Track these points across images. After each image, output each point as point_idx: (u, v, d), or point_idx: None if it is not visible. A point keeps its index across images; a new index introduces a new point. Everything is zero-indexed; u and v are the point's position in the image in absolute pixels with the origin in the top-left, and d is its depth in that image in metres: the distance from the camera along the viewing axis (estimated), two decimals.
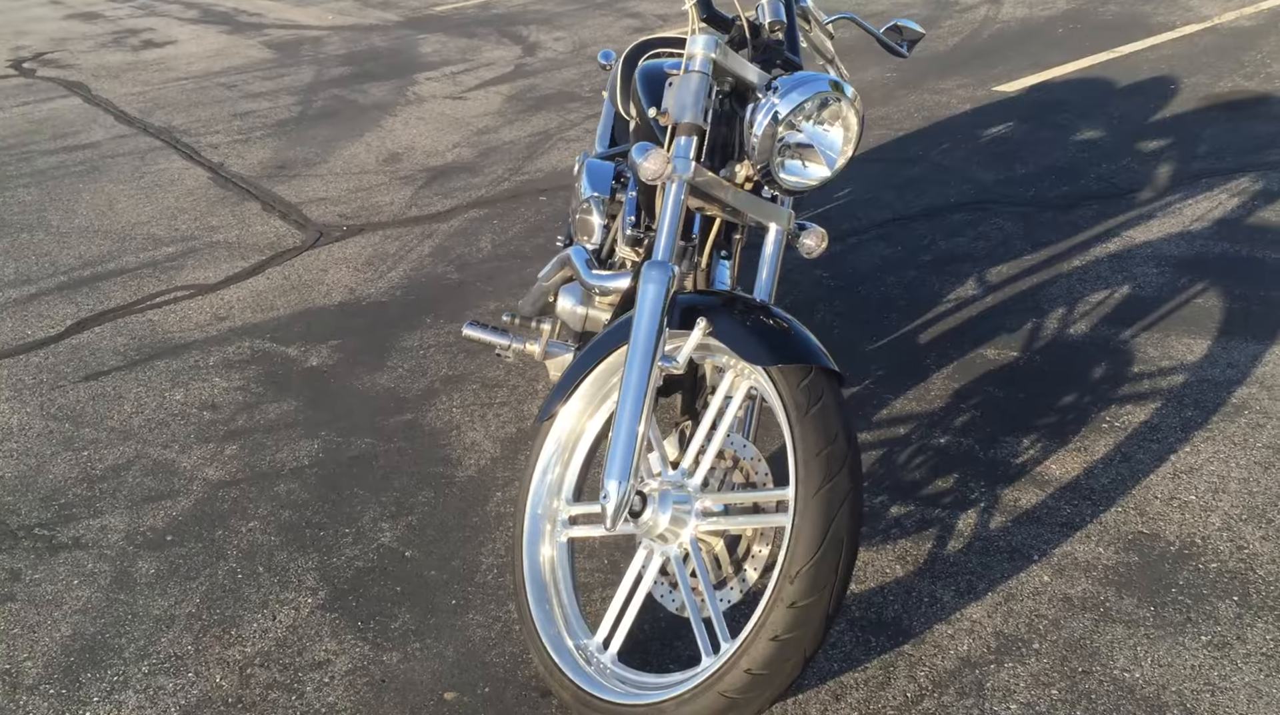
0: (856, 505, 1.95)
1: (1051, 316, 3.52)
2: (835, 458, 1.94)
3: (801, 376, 2.01)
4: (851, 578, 1.95)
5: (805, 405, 1.99)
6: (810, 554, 1.90)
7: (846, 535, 1.92)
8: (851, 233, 4.28)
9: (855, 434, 2.01)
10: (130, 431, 3.32)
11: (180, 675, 2.38)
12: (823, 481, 1.93)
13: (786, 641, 1.89)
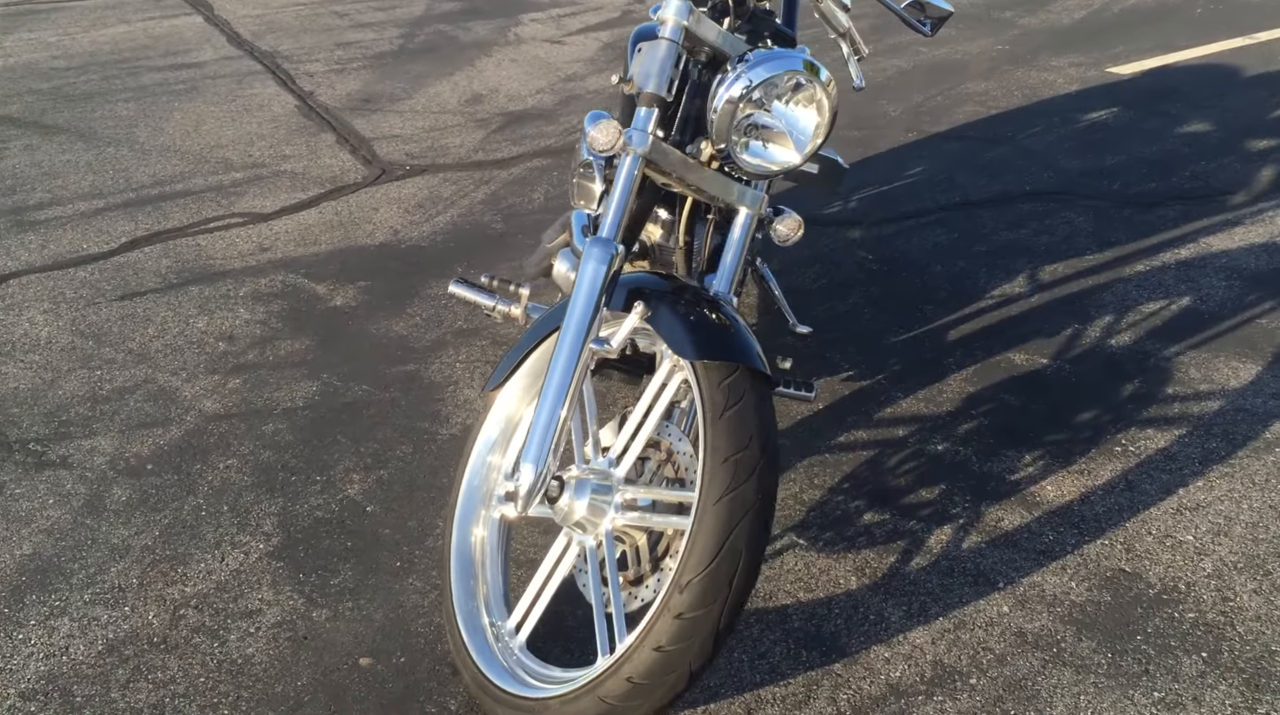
0: (761, 519, 1.82)
1: (1096, 324, 3.28)
2: (743, 465, 1.81)
3: (725, 375, 1.87)
4: (748, 596, 1.81)
5: (722, 406, 1.86)
6: (703, 564, 1.78)
7: (745, 549, 1.79)
8: (910, 215, 4.06)
9: (775, 443, 1.87)
10: (146, 355, 3.34)
11: (117, 608, 2.38)
12: (726, 489, 1.80)
13: (670, 653, 1.78)
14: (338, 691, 2.15)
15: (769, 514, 1.85)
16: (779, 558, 2.43)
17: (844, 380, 3.05)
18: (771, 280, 3.21)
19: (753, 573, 1.83)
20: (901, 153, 4.68)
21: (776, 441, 1.89)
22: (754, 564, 1.83)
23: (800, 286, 3.57)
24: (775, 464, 1.87)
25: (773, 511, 1.87)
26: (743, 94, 1.99)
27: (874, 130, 4.99)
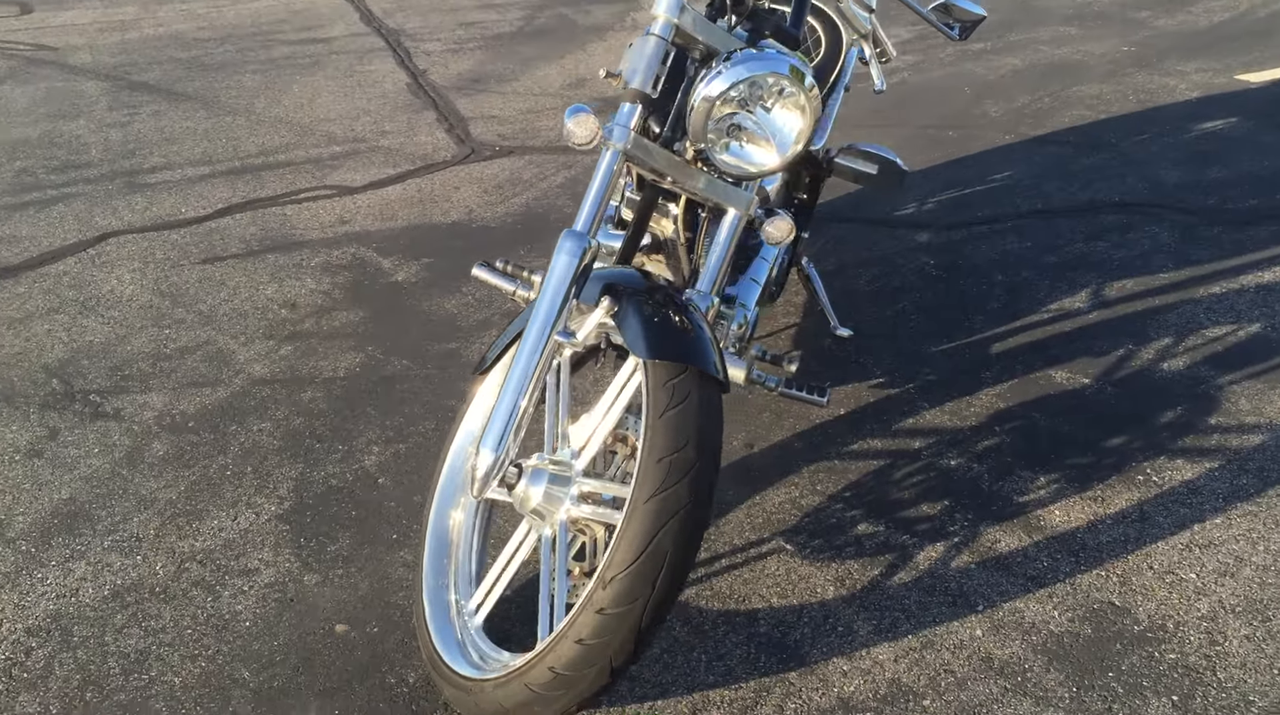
0: (692, 522, 1.82)
1: (1152, 345, 3.14)
2: (677, 466, 1.81)
3: (672, 374, 1.87)
4: (675, 597, 1.81)
5: (664, 405, 1.85)
6: (627, 562, 1.79)
7: (672, 550, 1.79)
8: (985, 221, 3.95)
9: (715, 447, 1.86)
10: (213, 318, 3.49)
11: (130, 556, 2.50)
12: (657, 489, 1.80)
13: (591, 647, 1.79)
14: (309, 655, 2.23)
15: (701, 517, 1.84)
16: (761, 561, 2.41)
17: (872, 386, 3.00)
18: (817, 281, 3.17)
19: (679, 574, 1.82)
20: (993, 155, 4.55)
21: (718, 446, 1.88)
22: (681, 566, 1.82)
23: (853, 288, 3.51)
24: (713, 468, 1.86)
25: (706, 515, 1.85)
26: (720, 93, 1.97)
27: (970, 131, 4.86)
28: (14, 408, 3.06)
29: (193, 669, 2.20)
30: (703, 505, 1.84)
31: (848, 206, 4.07)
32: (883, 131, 4.83)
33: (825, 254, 3.74)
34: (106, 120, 5.38)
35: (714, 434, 1.88)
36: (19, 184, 4.63)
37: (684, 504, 1.81)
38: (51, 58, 6.49)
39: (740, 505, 2.58)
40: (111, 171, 4.72)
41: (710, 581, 2.37)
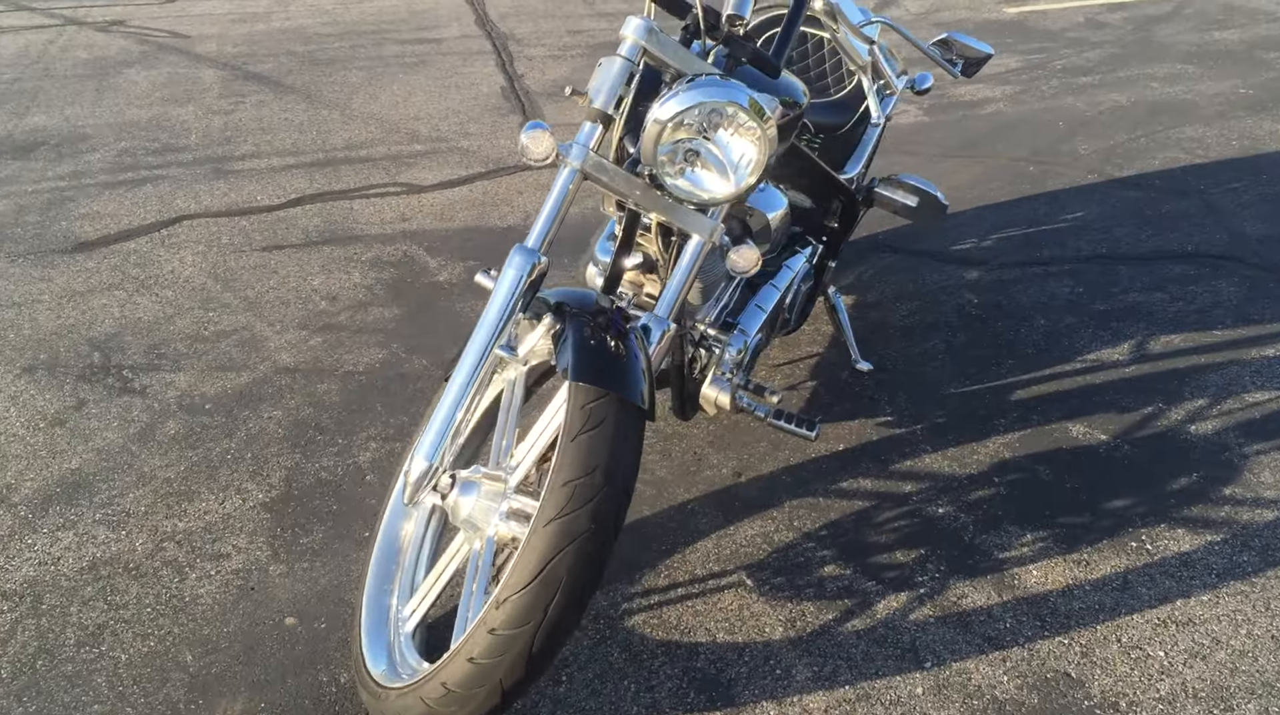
0: (591, 550, 1.77)
1: (1184, 406, 2.97)
2: (582, 492, 1.77)
3: (591, 398, 1.83)
4: (572, 624, 1.77)
5: (578, 428, 1.82)
6: (520, 585, 1.76)
7: (566, 577, 1.76)
8: (1042, 262, 3.79)
9: (625, 476, 1.81)
10: (256, 304, 3.57)
11: (116, 531, 2.57)
12: (558, 513, 1.77)
13: (482, 666, 1.77)
14: (253, 645, 2.25)
15: (603, 546, 1.79)
16: (717, 594, 2.35)
17: (878, 424, 2.90)
18: (842, 312, 3.09)
19: (575, 602, 1.78)
20: (1070, 194, 4.37)
21: (630, 475, 1.83)
22: (577, 594, 1.78)
23: (886, 321, 3.41)
24: (620, 497, 1.81)
25: (608, 544, 1.80)
26: (670, 117, 1.92)
27: (1053, 167, 4.67)
28: (53, 377, 3.17)
29: (141, 648, 2.23)
30: (604, 534, 1.79)
31: (900, 237, 3.95)
32: (963, 162, 4.69)
33: (866, 284, 3.63)
34: (213, 108, 5.56)
35: (627, 462, 1.83)
36: (118, 163, 4.81)
37: (583, 531, 1.76)
38: (182, 45, 6.74)
39: (711, 534, 2.52)
40: (204, 157, 4.87)
41: (661, 609, 2.31)
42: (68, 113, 5.48)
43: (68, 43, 6.78)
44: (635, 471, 1.87)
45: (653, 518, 2.57)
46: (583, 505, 1.77)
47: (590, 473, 1.78)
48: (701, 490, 2.66)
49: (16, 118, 5.41)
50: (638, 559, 2.45)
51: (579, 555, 1.76)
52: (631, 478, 1.85)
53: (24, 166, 4.80)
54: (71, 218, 4.24)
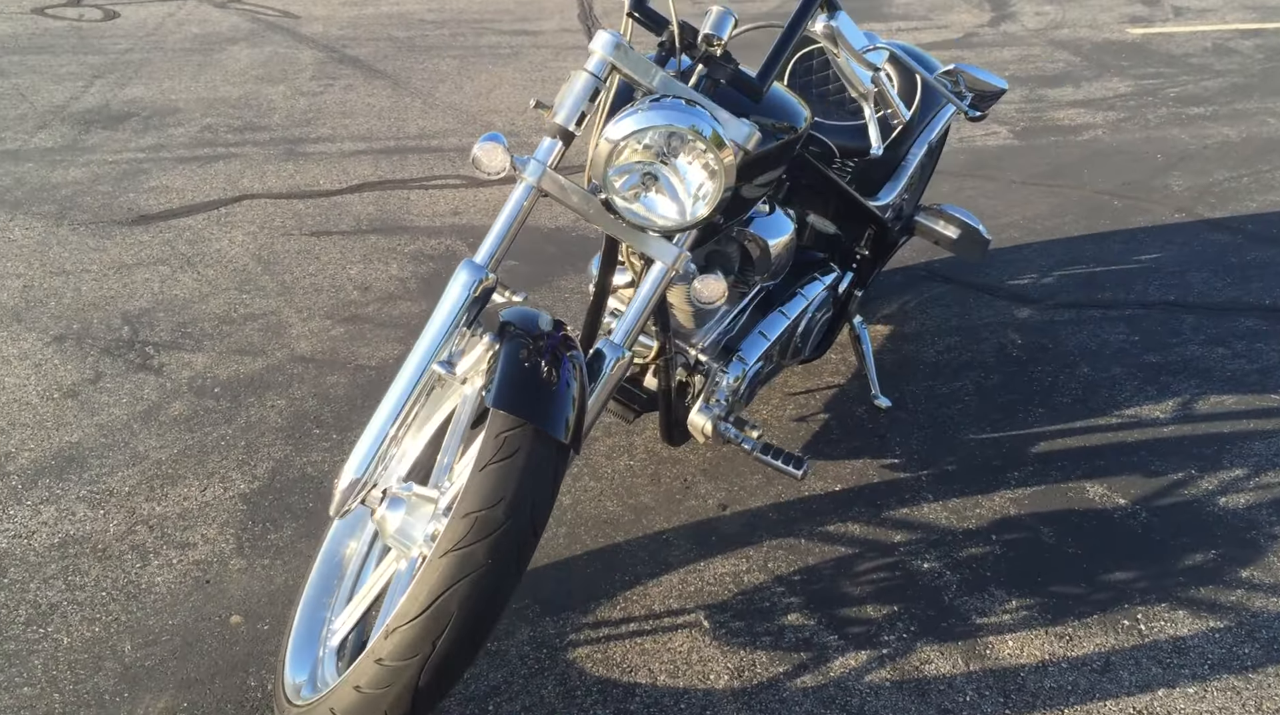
0: (486, 587, 1.69)
1: (1218, 475, 2.75)
2: (482, 525, 1.68)
3: (507, 426, 1.75)
4: (463, 662, 1.69)
5: (488, 458, 1.73)
6: (409, 616, 1.69)
7: (458, 612, 1.67)
8: (1102, 305, 3.57)
9: (532, 512, 1.72)
10: (289, 290, 3.57)
11: (95, 509, 2.58)
12: (455, 545, 1.69)
13: (367, 696, 1.70)
14: (193, 640, 2.23)
15: (500, 584, 1.70)
16: (670, 633, 2.24)
17: (883, 466, 2.75)
18: (866, 343, 2.95)
19: (466, 639, 1.69)
20: (1151, 234, 4.11)
21: (538, 512, 1.73)
22: (469, 631, 1.69)
23: (919, 356, 3.24)
24: (525, 533, 1.71)
25: (508, 582, 1.71)
26: (621, 137, 1.82)
27: (1139, 202, 4.40)
28: (80, 348, 3.21)
29: (85, 632, 2.23)
30: (504, 571, 1.70)
31: (954, 267, 3.77)
32: (1043, 190, 4.46)
33: (908, 314, 3.46)
34: (302, 89, 5.62)
35: (537, 498, 1.73)
36: (198, 139, 4.89)
37: (479, 566, 1.67)
38: (290, 25, 6.85)
39: (680, 568, 2.41)
40: (280, 137, 4.92)
41: (608, 643, 2.21)
42: (165, 86, 5.59)
43: (185, 17, 6.95)
44: (548, 508, 1.77)
45: (625, 545, 2.47)
46: (480, 539, 1.68)
47: (493, 506, 1.69)
48: (682, 520, 2.54)
49: (117, 88, 5.55)
50: (597, 587, 2.35)
51: (473, 591, 1.68)
52: (542, 515, 1.76)
53: (110, 136, 4.91)
54: (139, 190, 4.31)
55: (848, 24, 2.14)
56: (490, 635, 1.77)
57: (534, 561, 2.39)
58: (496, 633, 2.23)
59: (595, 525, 2.54)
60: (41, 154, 4.69)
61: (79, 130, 5.00)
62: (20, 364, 3.13)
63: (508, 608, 1.77)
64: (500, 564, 1.68)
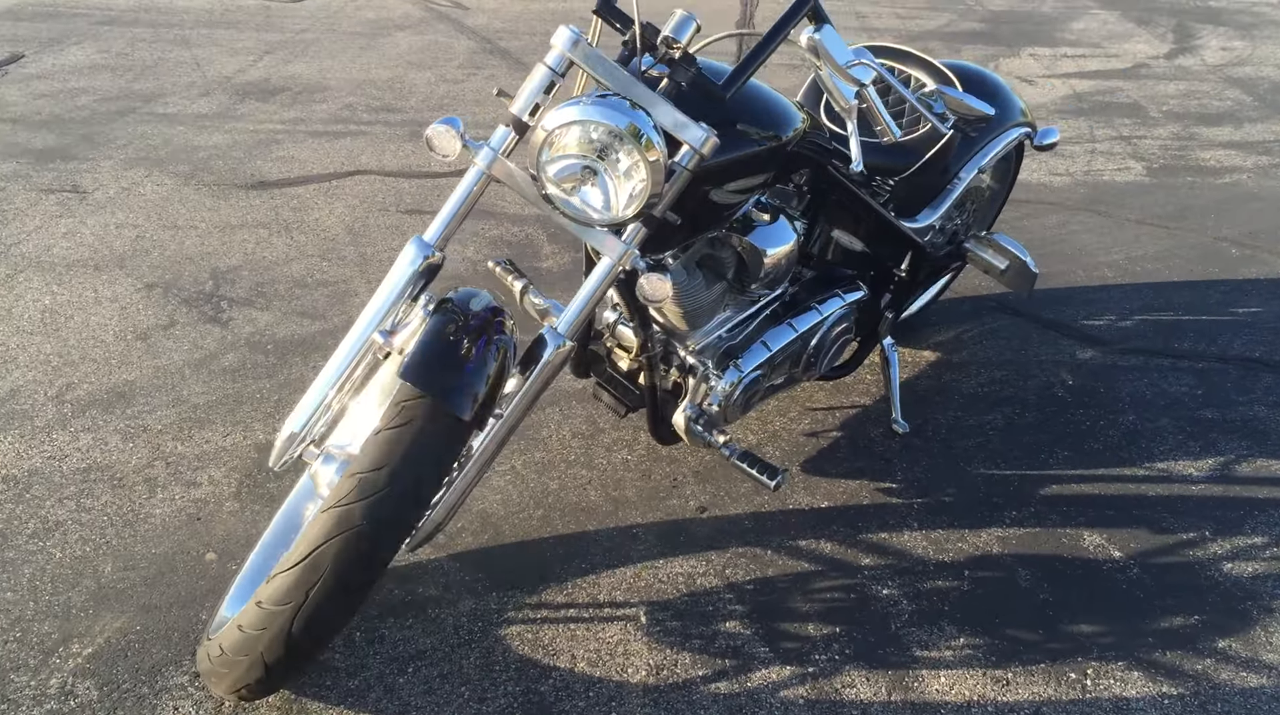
0: (358, 547, 1.77)
1: (1233, 540, 2.60)
2: (364, 486, 1.77)
3: (408, 396, 1.83)
4: (335, 617, 1.78)
5: (384, 424, 1.82)
6: (288, 565, 1.79)
7: (331, 566, 1.76)
8: (1173, 354, 3.39)
9: (420, 484, 1.80)
10: (367, 262, 3.76)
11: (126, 441, 2.79)
12: (337, 502, 1.78)
13: (247, 636, 1.82)
14: (167, 570, 2.39)
15: (376, 546, 1.78)
16: (605, 624, 2.28)
17: (878, 489, 2.70)
18: (894, 367, 2.92)
19: (337, 595, 1.78)
20: (1260, 286, 3.87)
21: (424, 483, 1.80)
22: (339, 587, 1.77)
23: (957, 385, 3.16)
24: (406, 503, 1.78)
25: (385, 546, 1.79)
26: (554, 126, 1.87)
27: (1260, 253, 4.15)
28: (166, 296, 3.45)
29: (76, 551, 2.41)
30: (379, 535, 1.77)
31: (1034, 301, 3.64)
32: (1157, 231, 4.26)
33: (961, 343, 3.38)
34: (447, 76, 5.84)
35: (424, 469, 1.80)
36: (337, 116, 5.16)
37: (354, 526, 1.75)
38: (457, 15, 7.11)
39: (639, 563, 2.44)
40: (411, 119, 5.14)
41: (542, 625, 2.26)
42: (324, 65, 5.90)
43: (365, 3, 7.29)
44: (436, 480, 1.83)
45: (593, 534, 2.51)
46: (360, 500, 1.76)
47: (377, 470, 1.77)
48: (657, 517, 2.57)
49: (281, 65, 5.88)
50: (552, 570, 2.40)
51: (345, 548, 1.75)
52: (428, 486, 1.82)
53: (259, 107, 5.22)
54: (267, 158, 4.58)
55: (832, 37, 2.12)
56: (366, 595, 1.83)
57: (499, 538, 2.46)
58: (438, 600, 2.30)
59: (572, 511, 2.58)
60: (195, 119, 5.02)
61: (235, 100, 5.33)
62: (109, 306, 3.37)
63: (385, 570, 1.82)
64: (376, 527, 1.75)
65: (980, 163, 2.98)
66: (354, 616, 1.88)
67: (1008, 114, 3.08)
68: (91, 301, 3.41)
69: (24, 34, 6.26)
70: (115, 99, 5.27)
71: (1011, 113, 3.09)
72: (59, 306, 3.36)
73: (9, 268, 3.60)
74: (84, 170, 4.41)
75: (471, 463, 2.04)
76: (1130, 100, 5.92)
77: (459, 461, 2.06)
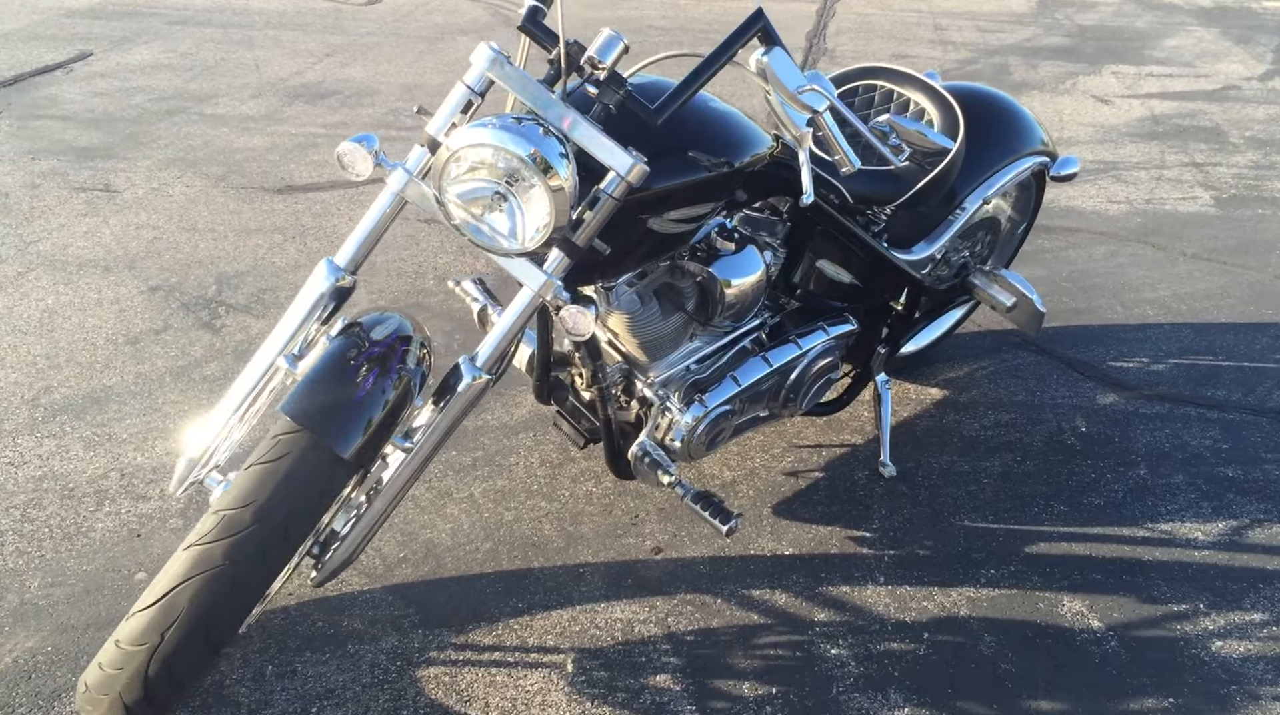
0: (219, 587, 1.68)
1: (1229, 615, 2.38)
2: (227, 524, 1.68)
3: (285, 429, 1.73)
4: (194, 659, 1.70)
5: (256, 457, 1.72)
6: (145, 604, 1.71)
7: (188, 608, 1.68)
8: (1208, 403, 3.15)
9: (293, 523, 1.71)
10: (374, 271, 3.70)
11: (89, 450, 2.76)
12: (198, 540, 1.69)
13: (107, 675, 1.75)
14: (94, 588, 2.33)
15: (237, 587, 1.69)
16: (530, 669, 2.17)
17: (848, 537, 2.54)
18: (886, 405, 2.76)
19: (196, 637, 1.69)
20: None
21: (295, 521, 1.71)
22: (198, 627, 1.69)
23: (959, 427, 2.97)
24: (274, 540, 1.69)
25: (248, 587, 1.70)
26: (457, 147, 1.75)
27: None
28: (166, 300, 3.43)
29: (8, 563, 2.38)
30: (242, 575, 1.68)
31: (1056, 338, 3.43)
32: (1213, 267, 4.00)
33: (973, 381, 3.18)
34: None
35: (295, 507, 1.70)
36: (380, 120, 5.13)
37: (215, 565, 1.66)
38: None
39: (577, 606, 2.31)
40: None
41: (463, 668, 2.15)
42: (379, 69, 5.88)
43: (436, 7, 7.29)
44: (309, 520, 1.73)
45: (538, 571, 2.39)
46: (221, 538, 1.66)
47: (243, 507, 1.67)
48: (610, 557, 2.44)
49: (338, 68, 5.89)
50: (486, 609, 2.29)
51: (204, 589, 1.66)
52: (300, 524, 1.72)
53: (306, 110, 5.21)
54: (300, 162, 4.56)
55: (783, 61, 1.97)
56: (228, 638, 1.74)
57: (440, 570, 2.36)
58: (361, 635, 2.20)
59: (521, 546, 2.46)
60: (240, 120, 5.03)
61: (284, 102, 5.33)
62: (109, 308, 3.36)
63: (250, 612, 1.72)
64: (239, 567, 1.66)
65: (985, 193, 2.78)
66: (217, 661, 1.78)
67: (1022, 142, 2.87)
68: (93, 303, 3.39)
69: (98, 32, 6.36)
70: (169, 98, 5.31)
71: (1026, 140, 2.88)
72: (60, 307, 3.35)
73: (22, 266, 3.60)
74: (120, 169, 4.43)
75: (380, 496, 1.94)
76: (1211, 124, 5.59)
77: (368, 495, 1.96)
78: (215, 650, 1.75)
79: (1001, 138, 2.84)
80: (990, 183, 2.78)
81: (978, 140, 2.75)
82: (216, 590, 1.65)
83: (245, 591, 1.69)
